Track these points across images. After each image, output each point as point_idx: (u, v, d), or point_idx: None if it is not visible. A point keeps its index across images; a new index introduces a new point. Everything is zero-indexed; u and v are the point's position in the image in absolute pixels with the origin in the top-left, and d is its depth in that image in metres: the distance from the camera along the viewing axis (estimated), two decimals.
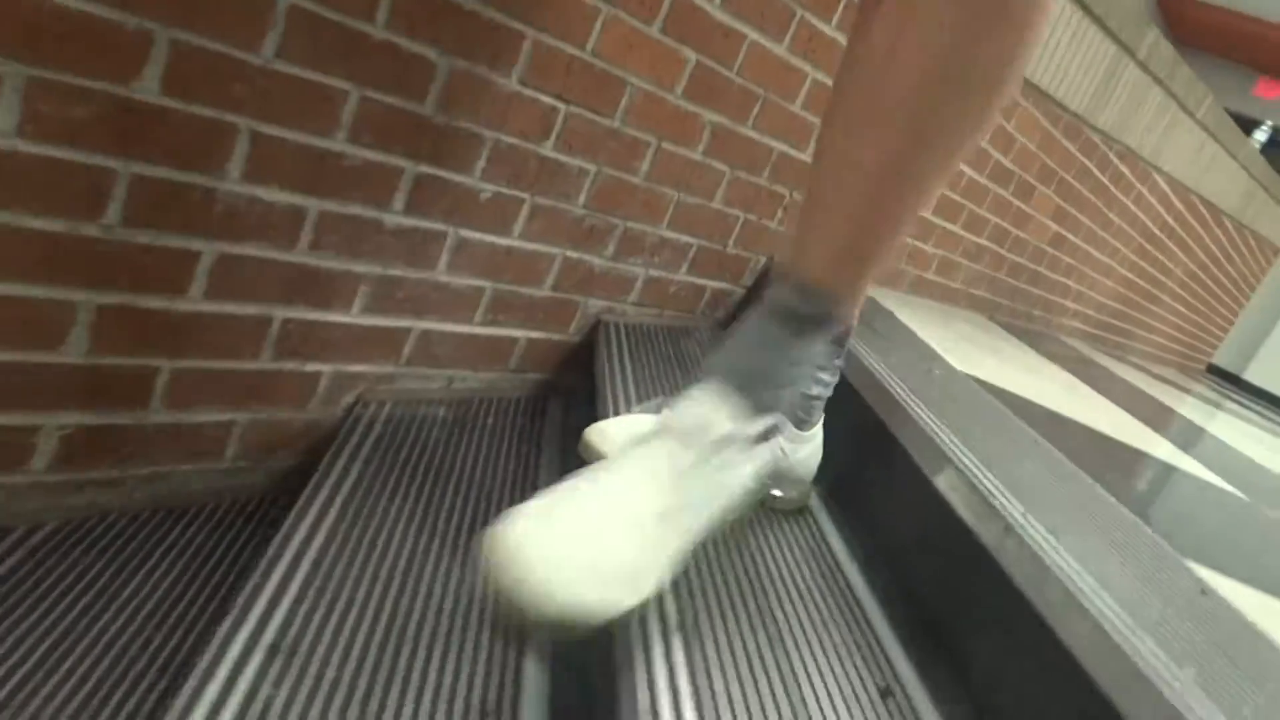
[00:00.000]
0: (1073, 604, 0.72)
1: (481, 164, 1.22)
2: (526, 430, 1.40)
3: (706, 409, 0.72)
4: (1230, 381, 7.65)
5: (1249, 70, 9.08)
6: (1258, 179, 4.56)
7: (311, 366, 1.20)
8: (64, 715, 0.82)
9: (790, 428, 1.04)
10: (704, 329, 1.74)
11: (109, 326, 0.99)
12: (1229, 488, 1.81)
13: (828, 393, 1.05)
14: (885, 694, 0.79)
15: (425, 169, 1.17)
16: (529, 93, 1.22)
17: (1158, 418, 2.52)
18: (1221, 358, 7.03)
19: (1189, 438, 2.41)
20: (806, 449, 1.06)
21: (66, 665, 0.87)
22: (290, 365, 1.18)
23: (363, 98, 1.06)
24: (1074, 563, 0.80)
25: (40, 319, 0.93)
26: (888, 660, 0.85)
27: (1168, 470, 1.68)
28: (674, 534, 0.70)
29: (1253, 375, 8.23)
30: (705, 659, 0.73)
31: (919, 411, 1.10)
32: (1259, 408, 6.36)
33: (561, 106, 1.27)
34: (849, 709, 0.75)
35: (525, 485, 1.24)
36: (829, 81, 1.65)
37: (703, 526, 0.73)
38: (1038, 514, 0.89)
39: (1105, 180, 3.03)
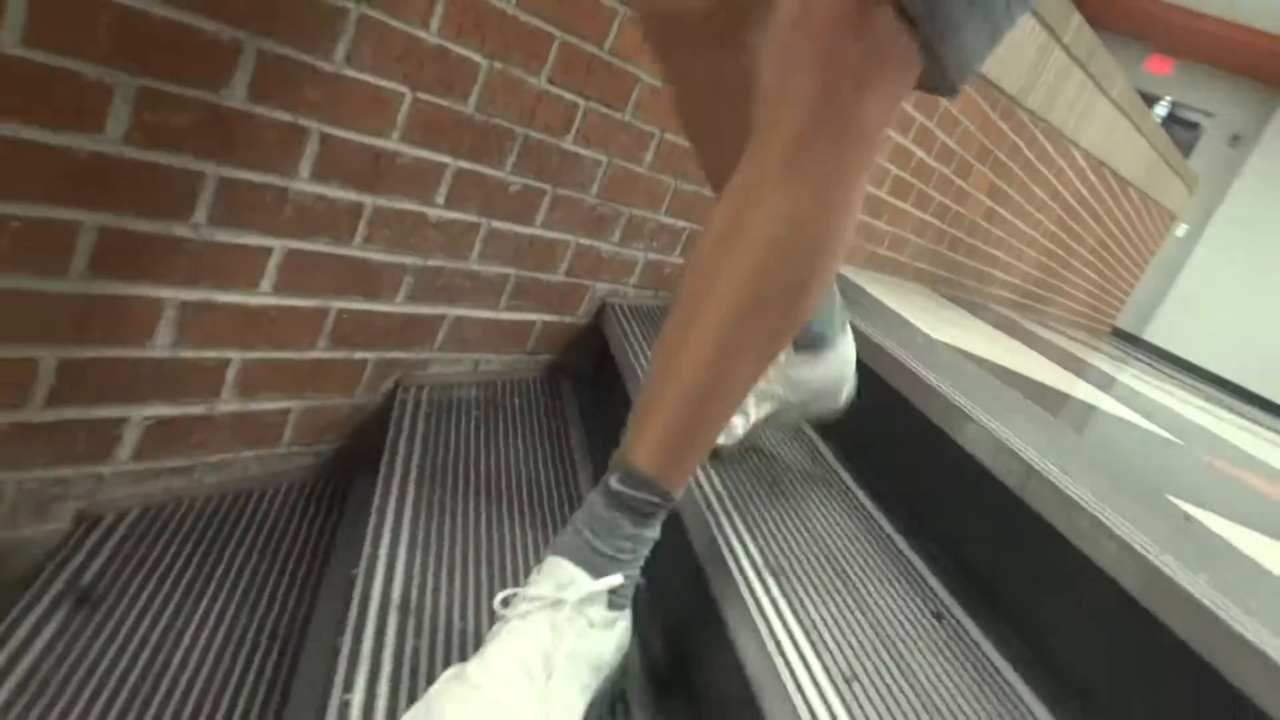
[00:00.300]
0: (1101, 529, 0.86)
1: (512, 158, 1.30)
2: (549, 409, 1.49)
3: (563, 573, 0.73)
4: (1131, 342, 8.14)
5: (1141, 46, 9.58)
6: (1159, 151, 4.88)
7: (359, 354, 1.27)
8: (198, 679, 0.89)
9: (803, 353, 1.09)
10: None
11: (192, 321, 1.04)
12: (1165, 434, 2.01)
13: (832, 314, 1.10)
14: (939, 616, 0.92)
15: (465, 164, 1.24)
16: (555, 91, 1.30)
17: (1091, 376, 2.73)
18: (1123, 320, 7.48)
19: (1121, 392, 2.63)
20: (820, 366, 1.11)
21: (187, 636, 0.94)
22: (341, 354, 1.24)
23: (415, 99, 1.13)
24: (1089, 496, 0.94)
25: (134, 315, 0.99)
26: (932, 592, 0.98)
27: (1116, 420, 1.87)
28: (562, 712, 0.70)
29: (1151, 335, 8.77)
30: (795, 590, 0.85)
31: (928, 377, 1.23)
32: (1159, 365, 6.80)
33: (582, 102, 1.36)
34: (915, 628, 0.88)
35: (562, 456, 1.32)
36: None
37: (584, 704, 0.73)
38: (1047, 458, 1.03)
39: (1032, 157, 3.23)
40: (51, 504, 1.02)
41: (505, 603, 0.76)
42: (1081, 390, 2.09)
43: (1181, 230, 8.51)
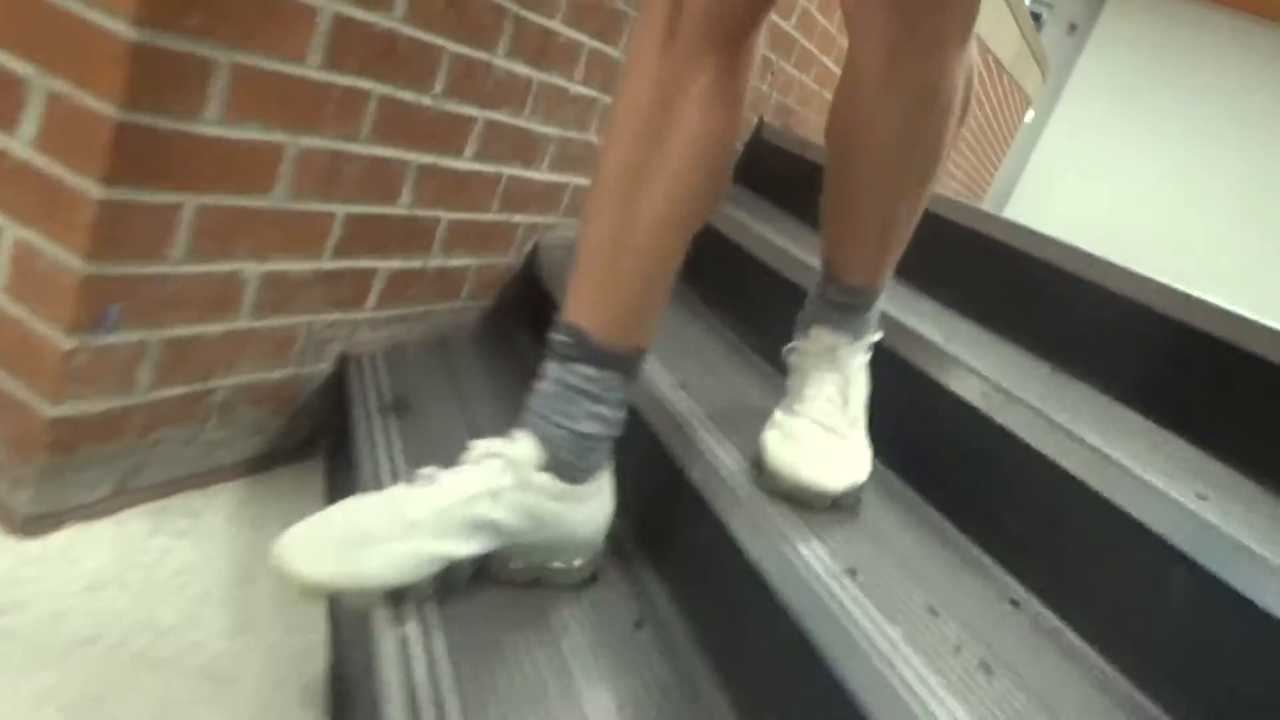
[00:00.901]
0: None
1: (624, 39, 1.50)
2: None
3: (829, 339, 0.98)
4: None
5: None
6: (1026, 37, 5.35)
7: (516, 218, 1.46)
8: None
9: (558, 482, 0.86)
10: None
11: (423, 183, 1.21)
12: None
13: (611, 431, 0.89)
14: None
15: (596, 44, 1.43)
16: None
17: None
18: (986, 203, 8.13)
19: None
20: (586, 508, 0.90)
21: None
22: (504, 216, 1.43)
23: None
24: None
25: (387, 177, 1.15)
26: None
27: None
28: (860, 429, 0.98)
29: (1010, 214, 9.52)
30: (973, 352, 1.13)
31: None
32: None
33: None
34: (1031, 381, 1.18)
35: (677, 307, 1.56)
36: (784, 24, 2.03)
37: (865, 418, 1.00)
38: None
39: None
40: (325, 346, 1.19)
41: (789, 353, 1.01)
42: None
43: (1029, 116, 9.22)
